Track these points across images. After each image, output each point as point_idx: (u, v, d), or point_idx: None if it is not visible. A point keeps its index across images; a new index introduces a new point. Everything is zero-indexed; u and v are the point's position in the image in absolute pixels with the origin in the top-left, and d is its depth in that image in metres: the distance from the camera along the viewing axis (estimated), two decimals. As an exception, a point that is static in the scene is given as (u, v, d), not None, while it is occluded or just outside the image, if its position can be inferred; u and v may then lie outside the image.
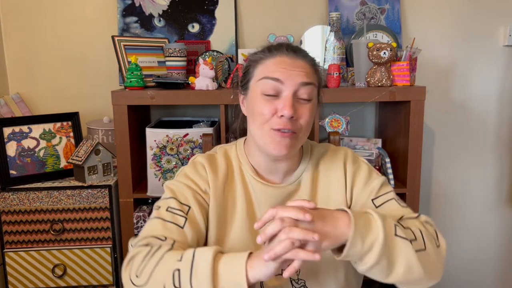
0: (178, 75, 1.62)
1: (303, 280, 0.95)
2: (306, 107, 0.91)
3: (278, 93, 0.90)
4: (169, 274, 0.77)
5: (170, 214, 0.91)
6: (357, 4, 1.80)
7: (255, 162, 1.00)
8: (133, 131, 1.54)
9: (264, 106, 0.90)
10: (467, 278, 2.06)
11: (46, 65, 1.85)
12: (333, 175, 1.00)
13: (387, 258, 0.78)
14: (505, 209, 2.01)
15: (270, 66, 0.92)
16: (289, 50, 0.93)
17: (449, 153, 1.96)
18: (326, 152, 1.04)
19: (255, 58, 0.96)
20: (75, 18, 1.82)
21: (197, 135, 1.52)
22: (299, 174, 1.00)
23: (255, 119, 0.92)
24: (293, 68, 0.90)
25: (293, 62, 0.91)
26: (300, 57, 0.93)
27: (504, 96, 1.92)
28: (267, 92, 0.90)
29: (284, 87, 0.90)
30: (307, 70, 0.92)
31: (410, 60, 1.54)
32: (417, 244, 0.82)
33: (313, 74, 0.94)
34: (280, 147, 0.90)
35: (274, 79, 0.90)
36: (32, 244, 1.55)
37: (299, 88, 0.90)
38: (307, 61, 0.94)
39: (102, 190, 1.54)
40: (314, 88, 0.92)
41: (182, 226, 0.90)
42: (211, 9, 1.79)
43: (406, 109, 1.53)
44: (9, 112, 1.75)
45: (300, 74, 0.90)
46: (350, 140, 1.76)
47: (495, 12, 1.84)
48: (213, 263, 0.76)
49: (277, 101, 0.90)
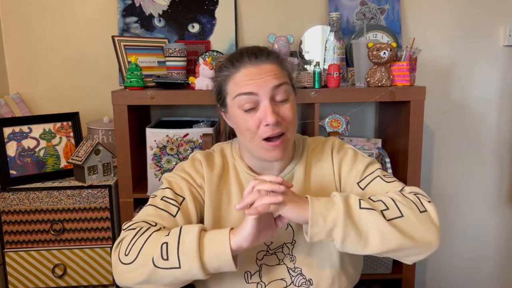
0: (178, 75, 1.62)
1: (299, 268, 0.98)
2: (286, 107, 0.94)
3: (256, 105, 0.93)
4: (157, 247, 0.83)
5: (164, 202, 0.96)
6: (357, 4, 1.80)
7: (249, 162, 1.04)
8: (133, 131, 1.54)
9: (247, 122, 0.93)
10: (467, 278, 2.06)
11: (46, 65, 1.85)
12: (324, 166, 1.03)
13: (354, 231, 0.83)
14: (505, 209, 2.01)
15: (239, 81, 0.94)
16: (251, 58, 0.94)
17: (449, 153, 1.96)
18: (317, 145, 1.07)
19: (223, 76, 0.98)
20: (75, 18, 1.82)
21: (197, 135, 1.52)
22: (291, 168, 1.03)
23: (244, 134, 0.96)
24: (260, 76, 0.92)
25: (259, 69, 0.93)
26: (263, 60, 0.94)
27: (504, 96, 1.92)
28: (245, 107, 0.93)
29: (259, 97, 0.92)
30: (274, 71, 0.93)
31: (410, 60, 1.54)
32: (390, 213, 0.85)
33: (281, 71, 0.95)
34: (275, 154, 0.94)
35: (247, 94, 0.92)
36: (32, 244, 1.55)
37: (274, 92, 0.92)
38: (271, 61, 0.95)
39: (102, 190, 1.54)
40: (287, 86, 0.95)
41: (174, 215, 0.94)
42: (211, 9, 1.79)
43: (406, 109, 1.53)
44: (9, 112, 1.75)
45: (269, 79, 0.92)
46: (350, 140, 1.76)
47: (495, 12, 1.85)
48: (199, 235, 0.83)
49: (258, 112, 0.92)
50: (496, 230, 2.03)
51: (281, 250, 0.99)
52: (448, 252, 2.03)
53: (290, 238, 0.99)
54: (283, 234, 0.99)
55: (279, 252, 0.99)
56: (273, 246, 0.99)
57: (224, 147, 1.09)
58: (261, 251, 0.99)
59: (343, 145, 1.08)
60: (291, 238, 0.99)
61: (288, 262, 0.98)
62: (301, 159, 1.04)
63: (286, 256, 0.98)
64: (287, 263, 0.98)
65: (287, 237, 1.00)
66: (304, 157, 1.05)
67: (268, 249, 0.99)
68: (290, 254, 0.99)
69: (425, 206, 0.90)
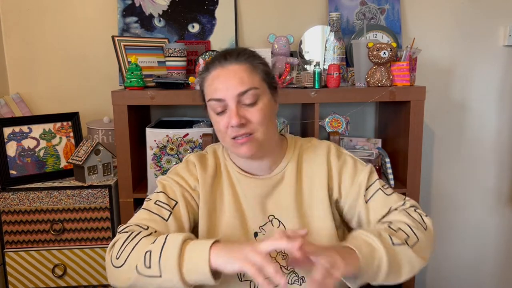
0: (178, 75, 1.62)
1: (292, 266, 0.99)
2: (253, 110, 0.96)
3: (225, 108, 0.96)
4: (141, 255, 0.85)
5: (157, 206, 0.98)
6: (357, 4, 1.80)
7: (237, 162, 1.06)
8: (133, 131, 1.54)
9: (218, 124, 0.98)
10: (467, 278, 2.06)
11: (46, 65, 1.85)
12: (315, 167, 1.04)
13: (394, 269, 0.88)
14: (505, 209, 2.01)
15: (210, 84, 0.98)
16: (220, 60, 0.98)
17: (449, 153, 1.96)
18: (309, 146, 1.09)
19: (200, 78, 1.03)
20: (75, 18, 1.82)
21: (197, 135, 1.52)
22: (283, 166, 1.05)
23: (218, 134, 1.01)
24: (226, 80, 0.95)
25: (227, 71, 0.96)
26: (232, 61, 0.97)
27: (504, 96, 1.92)
28: (216, 110, 0.97)
29: (227, 102, 0.95)
30: (241, 74, 0.95)
31: (410, 60, 1.54)
32: (410, 241, 0.91)
33: (250, 74, 0.96)
34: (244, 151, 0.96)
35: (216, 100, 0.96)
36: (32, 244, 1.55)
37: (240, 98, 0.95)
38: (240, 61, 0.97)
39: (102, 190, 1.54)
40: (255, 91, 0.96)
41: (166, 219, 0.97)
42: (211, 9, 1.79)
43: (406, 109, 1.53)
44: (9, 112, 1.75)
45: (235, 84, 0.94)
46: (350, 140, 1.76)
47: (495, 12, 1.85)
48: (181, 245, 0.83)
49: (226, 114, 0.96)
50: (496, 230, 2.02)
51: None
52: (448, 252, 2.03)
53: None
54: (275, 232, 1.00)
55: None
56: None
57: (216, 148, 1.11)
58: None
59: (341, 150, 1.09)
60: None
61: (280, 260, 0.99)
62: (293, 157, 1.05)
63: (279, 254, 0.99)
64: (279, 261, 0.99)
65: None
66: (296, 157, 1.06)
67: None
68: (282, 252, 0.99)
69: (426, 223, 0.97)
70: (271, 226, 1.02)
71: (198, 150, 1.52)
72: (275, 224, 1.02)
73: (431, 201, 1.99)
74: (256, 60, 0.99)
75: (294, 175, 1.04)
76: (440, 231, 2.01)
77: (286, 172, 1.04)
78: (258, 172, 1.04)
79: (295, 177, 1.03)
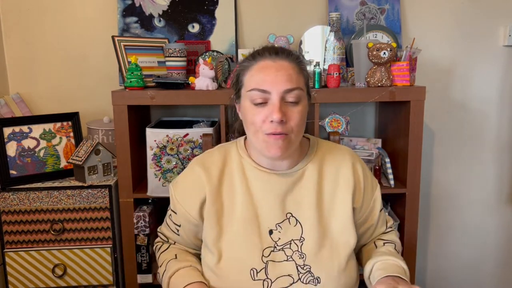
0: (178, 75, 1.62)
1: (308, 266, 0.98)
2: (295, 110, 0.95)
3: (266, 100, 0.94)
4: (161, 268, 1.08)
5: (170, 222, 1.13)
6: (357, 4, 1.80)
7: (257, 159, 1.04)
8: (133, 131, 1.54)
9: (254, 116, 0.95)
10: (467, 278, 2.06)
11: (46, 65, 1.85)
12: (341, 172, 1.04)
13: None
14: (505, 209, 2.01)
15: (255, 74, 0.96)
16: (271, 53, 0.97)
17: (449, 153, 1.96)
18: (332, 148, 1.09)
19: (242, 67, 1.01)
20: (75, 18, 1.82)
21: (197, 135, 1.52)
22: (303, 164, 1.04)
23: (249, 127, 0.98)
24: (276, 72, 0.94)
25: (277, 64, 0.95)
26: (283, 57, 0.97)
27: (504, 96, 1.92)
28: (256, 101, 0.95)
29: (270, 95, 0.93)
30: (290, 72, 0.95)
31: (410, 60, 1.54)
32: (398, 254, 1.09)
33: (298, 74, 0.96)
34: (275, 149, 0.94)
35: (260, 91, 0.94)
36: (32, 244, 1.55)
37: (285, 94, 0.94)
38: (291, 60, 0.97)
39: (102, 190, 1.54)
40: (300, 91, 0.95)
41: (178, 233, 1.11)
42: (211, 9, 1.79)
43: (406, 109, 1.53)
44: (9, 112, 1.75)
45: (284, 80, 0.93)
46: (350, 140, 1.76)
47: (495, 12, 1.85)
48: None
49: (266, 107, 0.94)
50: (496, 230, 2.02)
51: (289, 247, 0.99)
52: (448, 252, 2.04)
53: (299, 235, 1.00)
54: (291, 231, 1.00)
55: (287, 248, 0.99)
56: (281, 242, 0.99)
57: (228, 147, 1.10)
58: (268, 248, 0.99)
59: (363, 162, 1.11)
60: (299, 235, 1.00)
61: (297, 259, 0.98)
62: (315, 157, 1.05)
63: (295, 253, 0.99)
64: (296, 259, 0.98)
65: (295, 233, 1.00)
66: (318, 158, 1.05)
67: (275, 245, 0.99)
68: (299, 251, 0.99)
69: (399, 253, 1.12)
70: (288, 224, 1.00)
71: (198, 150, 1.52)
72: (292, 222, 1.01)
73: (431, 201, 1.99)
74: (302, 64, 1.00)
75: (316, 175, 1.03)
76: (440, 231, 2.01)
77: (306, 171, 1.03)
78: (277, 168, 1.03)
79: (316, 177, 1.03)
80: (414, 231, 1.58)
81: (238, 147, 1.08)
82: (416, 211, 1.57)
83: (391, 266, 0.99)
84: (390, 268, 0.98)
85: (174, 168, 1.53)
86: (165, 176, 1.53)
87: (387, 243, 1.11)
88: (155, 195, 1.55)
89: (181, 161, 1.53)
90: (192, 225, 1.07)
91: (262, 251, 0.98)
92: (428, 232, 2.02)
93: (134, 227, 1.55)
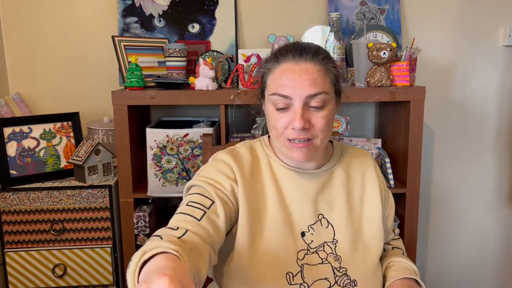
0: (178, 75, 1.62)
1: (345, 268, 0.95)
2: (319, 115, 0.90)
3: (288, 106, 0.90)
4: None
5: (189, 208, 0.88)
6: (357, 4, 1.80)
7: (282, 157, 1.00)
8: (133, 131, 1.54)
9: (276, 121, 0.91)
10: (467, 278, 2.06)
11: (46, 65, 1.85)
12: (366, 175, 1.04)
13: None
14: (505, 209, 2.01)
15: (277, 77, 0.92)
16: (295, 55, 0.91)
17: (449, 153, 1.96)
18: (355, 151, 1.08)
19: (265, 69, 0.96)
20: (75, 18, 1.82)
21: (197, 135, 1.52)
22: (330, 165, 1.01)
23: (271, 131, 0.95)
24: (298, 78, 0.89)
25: (300, 68, 0.90)
26: (307, 59, 0.91)
27: (504, 96, 1.92)
28: (278, 106, 0.91)
29: (292, 101, 0.89)
30: (314, 76, 0.89)
31: (410, 60, 1.54)
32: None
33: (323, 77, 0.91)
34: (298, 155, 0.91)
35: (281, 96, 0.90)
36: (32, 244, 1.55)
37: (309, 100, 0.89)
38: (316, 61, 0.91)
39: (102, 190, 1.54)
40: (325, 95, 0.90)
41: (199, 219, 0.86)
42: (211, 9, 1.79)
43: (406, 109, 1.53)
44: (9, 112, 1.75)
45: (306, 85, 0.88)
46: (350, 140, 1.76)
47: (495, 12, 1.85)
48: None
49: (289, 113, 0.90)
50: (496, 230, 2.02)
51: (323, 249, 0.96)
52: (448, 252, 2.03)
53: (331, 237, 0.97)
54: (324, 232, 0.96)
55: (321, 250, 0.96)
56: (314, 244, 0.95)
57: (253, 143, 1.04)
58: (302, 250, 0.94)
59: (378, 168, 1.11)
60: (331, 237, 0.97)
61: (333, 261, 0.95)
62: (341, 159, 1.03)
63: (330, 255, 0.95)
64: (332, 262, 0.95)
65: (327, 235, 0.97)
66: (343, 160, 1.04)
67: (308, 248, 0.95)
68: (334, 254, 0.96)
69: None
70: (320, 225, 0.97)
71: (198, 150, 1.52)
72: (324, 224, 0.97)
73: (431, 201, 1.99)
74: (330, 63, 0.94)
75: (344, 176, 1.01)
76: (440, 231, 2.01)
77: (334, 172, 1.01)
78: (304, 167, 0.99)
79: (344, 178, 1.01)
80: (414, 231, 1.58)
81: (264, 146, 1.03)
82: (416, 211, 1.57)
83: (406, 268, 1.02)
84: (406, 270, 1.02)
85: (174, 168, 1.53)
86: (165, 176, 1.53)
87: (395, 248, 1.12)
88: (155, 195, 1.55)
89: (181, 161, 1.53)
90: (228, 201, 0.92)
91: (297, 254, 0.94)
92: (428, 232, 2.02)
93: (134, 227, 1.55)
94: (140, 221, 1.55)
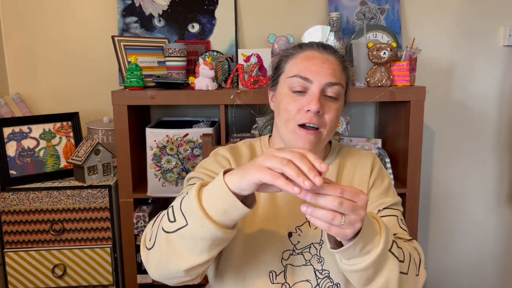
0: (178, 75, 1.62)
1: (327, 271, 0.95)
2: (332, 105, 0.94)
3: (305, 89, 0.93)
4: (165, 216, 0.78)
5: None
6: (357, 4, 1.80)
7: None
8: (133, 131, 1.54)
9: (289, 103, 0.93)
10: (467, 278, 2.06)
11: (46, 65, 1.85)
12: (359, 171, 1.02)
13: (374, 269, 0.78)
14: (505, 209, 2.01)
15: (300, 61, 0.95)
16: (319, 46, 0.97)
17: (449, 153, 1.96)
18: (353, 150, 1.07)
19: (286, 54, 0.99)
20: (75, 18, 1.82)
21: (197, 135, 1.52)
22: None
23: (281, 114, 0.95)
24: (321, 63, 0.93)
25: (323, 56, 0.95)
26: (330, 53, 0.96)
27: (504, 96, 1.92)
28: (295, 88, 0.93)
29: (312, 85, 0.92)
30: (335, 67, 0.94)
31: (410, 60, 1.54)
32: (402, 266, 0.83)
33: (341, 72, 0.96)
34: (304, 142, 0.92)
35: (303, 78, 0.92)
36: (32, 244, 1.55)
37: (327, 87, 0.93)
38: (337, 57, 0.97)
39: (102, 190, 1.54)
40: (341, 88, 0.94)
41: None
42: (211, 9, 1.79)
43: (406, 109, 1.53)
44: (9, 112, 1.75)
45: (328, 72, 0.92)
46: (350, 140, 1.76)
47: (495, 12, 1.85)
48: (198, 188, 0.75)
49: (304, 97, 0.93)
50: (495, 230, 2.02)
51: (308, 251, 0.96)
52: (448, 252, 2.03)
53: (318, 238, 0.96)
54: (312, 234, 0.96)
55: (306, 252, 0.95)
56: (300, 245, 0.96)
57: (253, 142, 1.07)
58: (287, 251, 0.95)
59: (384, 169, 1.07)
60: (319, 238, 0.96)
61: (315, 263, 0.94)
62: (336, 158, 1.04)
63: (314, 257, 0.95)
64: (314, 264, 0.94)
65: (315, 237, 0.96)
66: (338, 160, 1.03)
67: (294, 249, 0.95)
68: (317, 255, 0.95)
69: (419, 271, 0.91)
70: (308, 227, 0.96)
71: (198, 150, 1.52)
72: (312, 225, 0.96)
73: (431, 201, 1.99)
74: (347, 64, 0.99)
75: (335, 175, 1.01)
76: (440, 231, 2.01)
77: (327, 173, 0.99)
78: None
79: (335, 177, 1.00)
80: (414, 231, 1.58)
81: (262, 144, 1.05)
82: (416, 211, 1.57)
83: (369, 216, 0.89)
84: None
85: (174, 168, 1.53)
86: (165, 176, 1.53)
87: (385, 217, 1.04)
88: (155, 195, 1.55)
89: (181, 161, 1.53)
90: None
91: (282, 254, 0.94)
92: (428, 232, 2.01)
93: (134, 227, 1.55)
94: (140, 221, 1.55)
